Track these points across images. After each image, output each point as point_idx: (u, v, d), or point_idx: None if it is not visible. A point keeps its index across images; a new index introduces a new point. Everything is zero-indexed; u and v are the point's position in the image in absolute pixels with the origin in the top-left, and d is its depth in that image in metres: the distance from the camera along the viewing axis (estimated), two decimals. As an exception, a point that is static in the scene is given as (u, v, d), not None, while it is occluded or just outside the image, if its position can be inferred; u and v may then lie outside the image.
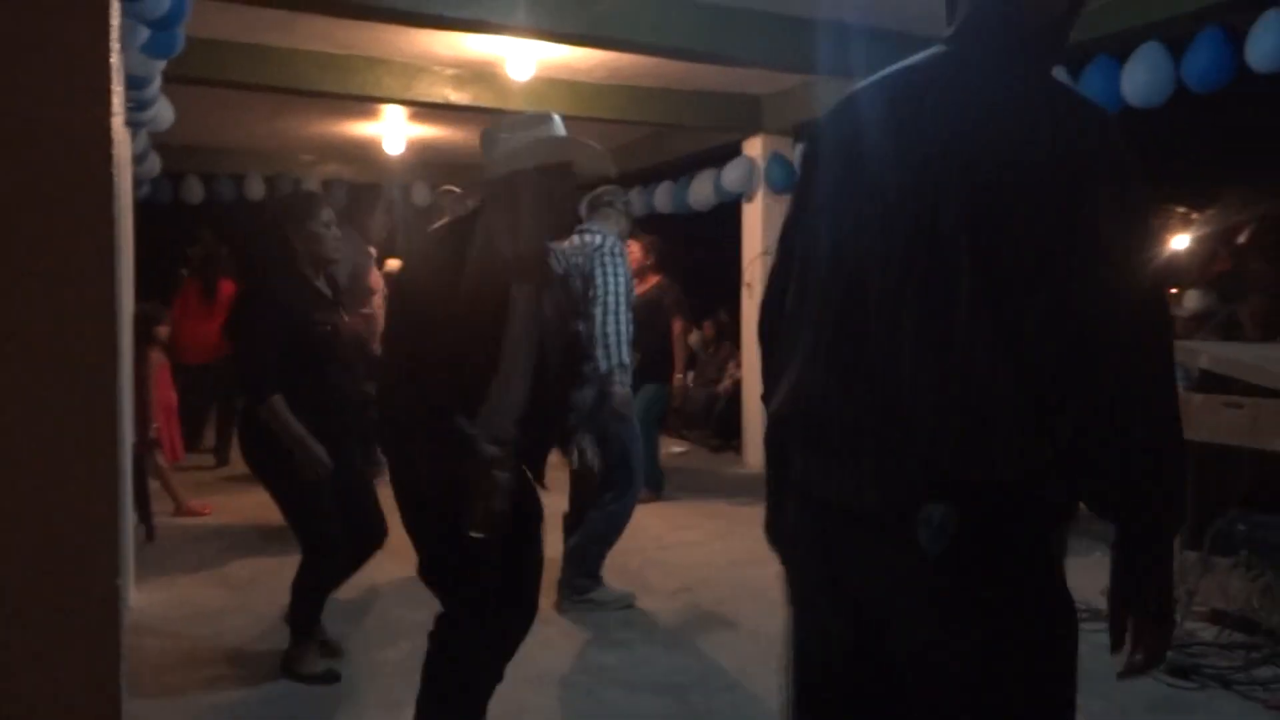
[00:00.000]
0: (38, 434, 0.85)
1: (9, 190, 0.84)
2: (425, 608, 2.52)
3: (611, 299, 4.22)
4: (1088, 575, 4.82)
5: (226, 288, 7.01)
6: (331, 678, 3.34)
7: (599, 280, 4.28)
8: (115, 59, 0.87)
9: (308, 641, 3.39)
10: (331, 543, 3.31)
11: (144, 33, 3.40)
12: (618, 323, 4.22)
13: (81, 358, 0.84)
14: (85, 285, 0.85)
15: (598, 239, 4.33)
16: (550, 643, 3.75)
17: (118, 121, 0.83)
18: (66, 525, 0.85)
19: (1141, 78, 4.66)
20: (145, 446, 5.22)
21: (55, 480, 0.84)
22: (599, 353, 4.18)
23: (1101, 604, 4.25)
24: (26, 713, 0.85)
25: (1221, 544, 3.79)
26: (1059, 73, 4.95)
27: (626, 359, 4.24)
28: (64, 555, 0.85)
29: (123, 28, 2.96)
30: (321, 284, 3.43)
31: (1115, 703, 3.14)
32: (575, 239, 4.44)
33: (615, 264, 4.27)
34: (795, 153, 7.08)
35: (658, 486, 6.38)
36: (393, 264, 6.56)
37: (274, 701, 3.21)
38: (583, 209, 4.79)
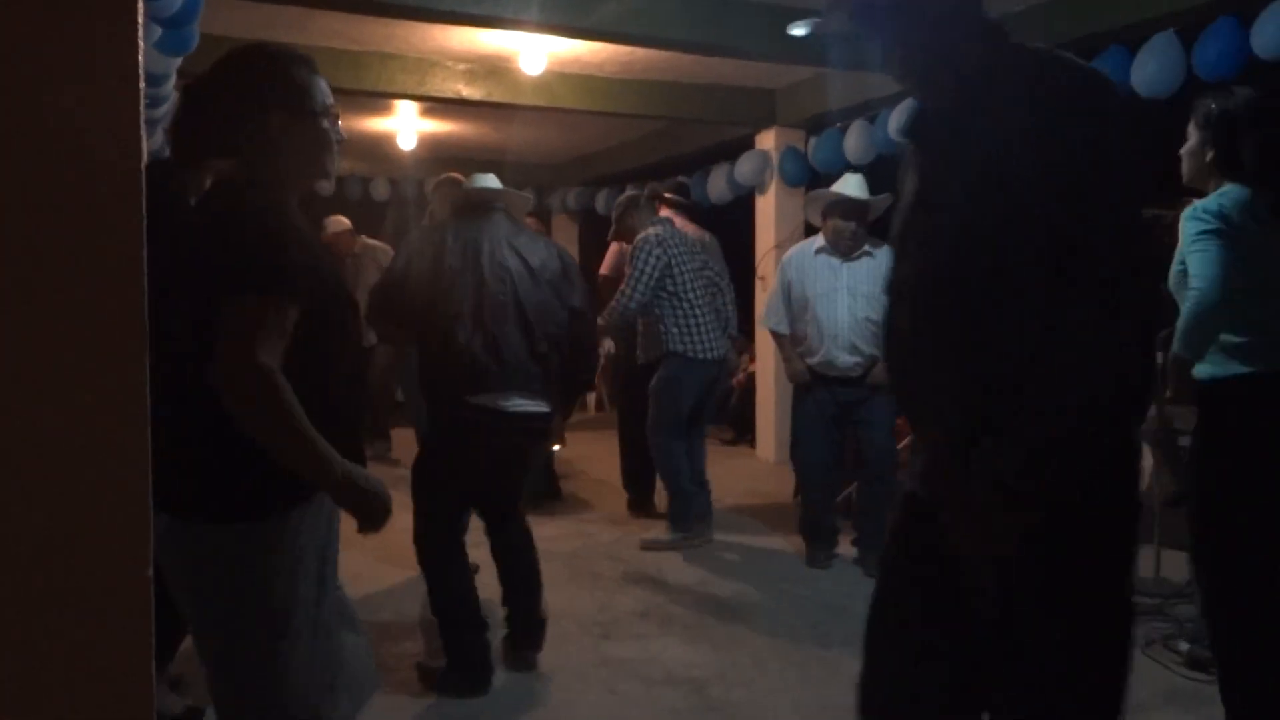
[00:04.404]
0: (67, 435, 0.86)
1: (38, 192, 0.85)
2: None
3: None
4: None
5: None
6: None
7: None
8: (141, 57, 0.88)
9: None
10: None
11: (157, 30, 3.42)
12: None
13: (110, 354, 0.85)
14: (114, 284, 0.85)
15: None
16: (566, 636, 3.77)
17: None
18: (98, 518, 0.86)
19: (1152, 68, 4.61)
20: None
21: (87, 476, 0.86)
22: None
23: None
24: (60, 706, 0.86)
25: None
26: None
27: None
28: (96, 547, 0.86)
29: (139, 26, 2.97)
30: None
31: (1132, 693, 3.13)
32: (678, 230, 5.07)
33: None
34: (810, 145, 7.07)
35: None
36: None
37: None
38: (632, 209, 5.13)
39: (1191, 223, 2.62)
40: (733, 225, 7.43)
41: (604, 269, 6.34)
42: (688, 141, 8.67)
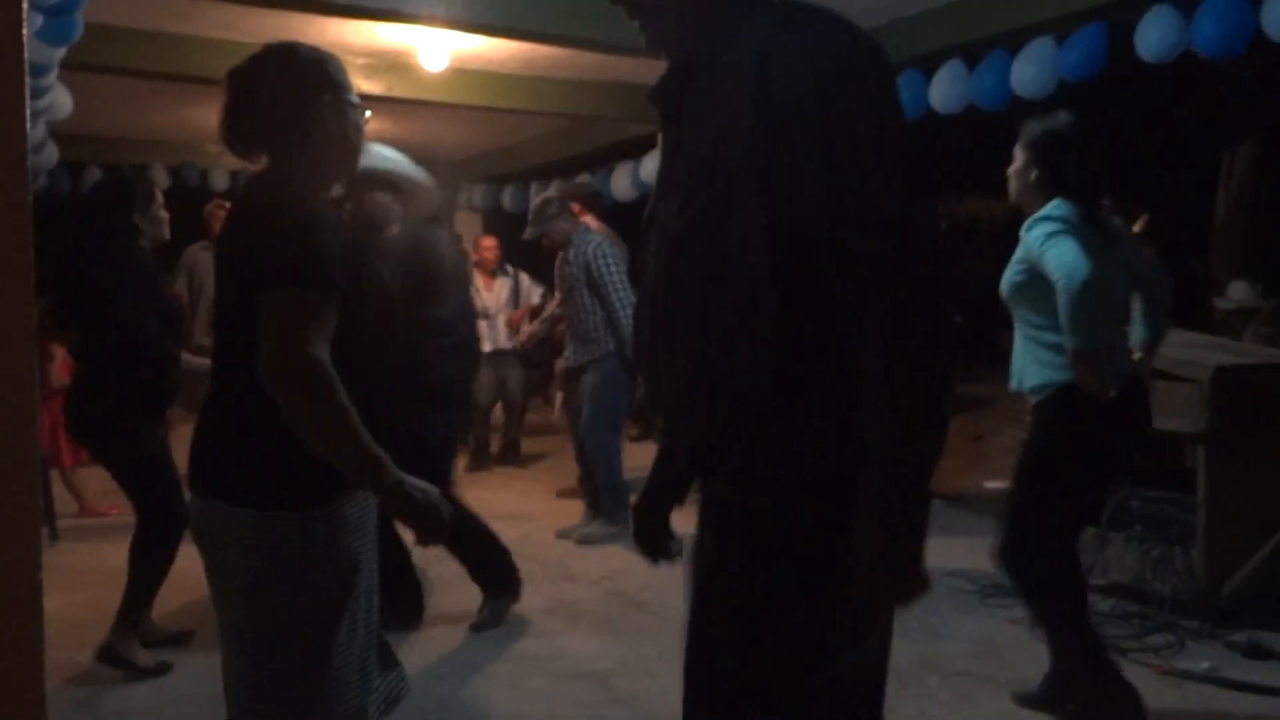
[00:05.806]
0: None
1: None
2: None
3: None
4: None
5: None
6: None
7: None
8: (26, 49, 0.87)
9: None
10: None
11: (39, 19, 3.29)
12: None
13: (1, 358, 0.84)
14: (2, 283, 0.84)
15: None
16: (472, 634, 3.76)
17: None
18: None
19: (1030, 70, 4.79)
20: (48, 445, 5.06)
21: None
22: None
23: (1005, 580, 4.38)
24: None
25: (1117, 519, 3.99)
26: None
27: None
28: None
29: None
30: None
31: (1018, 672, 3.28)
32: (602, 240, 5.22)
33: None
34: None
35: None
36: None
37: (184, 702, 3.16)
38: (561, 216, 5.25)
39: (1040, 225, 2.79)
40: (637, 224, 7.47)
41: None
42: (592, 139, 8.68)
